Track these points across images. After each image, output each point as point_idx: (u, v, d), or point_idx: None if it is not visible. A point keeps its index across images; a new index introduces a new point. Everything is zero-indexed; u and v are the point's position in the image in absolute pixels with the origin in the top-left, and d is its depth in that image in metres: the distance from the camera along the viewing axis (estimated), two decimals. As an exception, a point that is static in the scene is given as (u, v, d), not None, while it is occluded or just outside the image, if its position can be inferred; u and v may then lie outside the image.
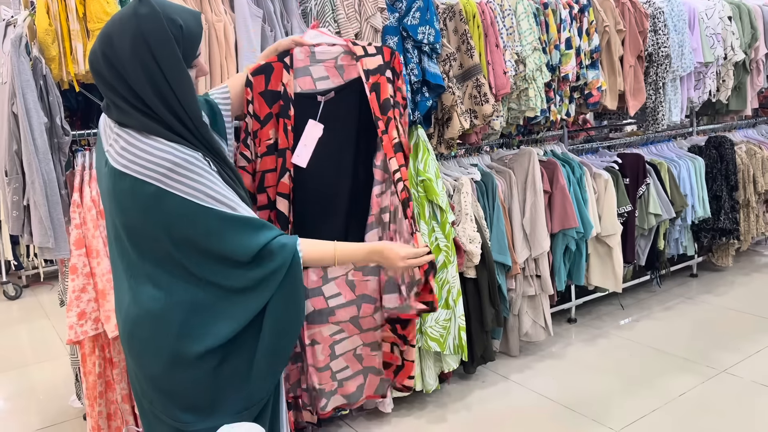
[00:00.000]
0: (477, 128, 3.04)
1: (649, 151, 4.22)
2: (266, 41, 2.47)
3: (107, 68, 1.36)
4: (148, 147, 1.35)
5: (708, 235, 4.28)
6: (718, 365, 3.13)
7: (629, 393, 2.93)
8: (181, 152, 1.36)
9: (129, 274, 1.44)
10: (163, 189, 1.34)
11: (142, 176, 1.33)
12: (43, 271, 5.34)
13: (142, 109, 1.36)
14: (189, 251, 1.39)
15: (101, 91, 1.40)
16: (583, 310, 3.97)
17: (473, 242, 2.88)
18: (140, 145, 1.35)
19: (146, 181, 1.33)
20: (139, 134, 1.36)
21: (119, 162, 1.35)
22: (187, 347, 1.41)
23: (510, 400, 2.95)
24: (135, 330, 1.44)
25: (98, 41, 1.37)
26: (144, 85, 1.35)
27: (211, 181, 1.38)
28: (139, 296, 1.41)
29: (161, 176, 1.34)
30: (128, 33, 1.34)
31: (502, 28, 3.05)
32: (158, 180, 1.34)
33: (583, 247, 3.46)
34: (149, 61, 1.34)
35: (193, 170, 1.36)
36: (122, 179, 1.35)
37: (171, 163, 1.34)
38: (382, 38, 2.72)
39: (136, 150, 1.35)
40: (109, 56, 1.35)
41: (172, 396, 1.44)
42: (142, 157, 1.34)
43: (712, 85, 4.19)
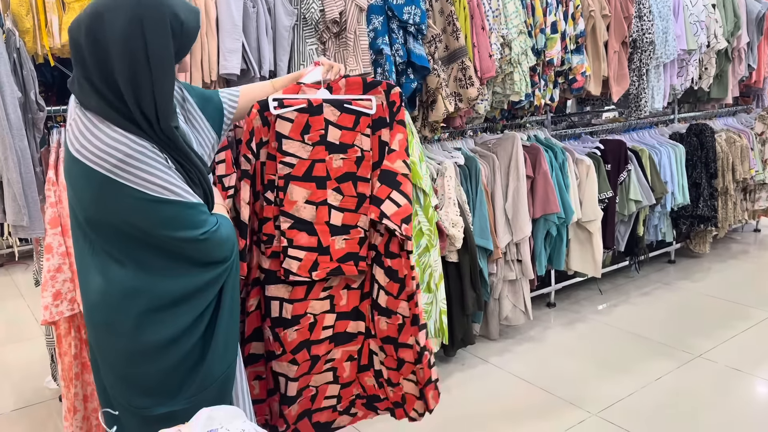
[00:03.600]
0: (462, 112, 3.02)
1: (631, 138, 4.25)
2: (248, 18, 2.42)
3: (88, 42, 1.29)
4: (103, 135, 1.30)
5: (687, 222, 4.33)
6: (694, 350, 3.18)
7: (606, 377, 2.96)
8: (135, 143, 1.31)
9: (88, 258, 1.41)
10: (114, 179, 1.30)
11: (92, 164, 1.30)
12: (17, 251, 5.24)
13: (106, 94, 1.31)
14: (145, 240, 1.38)
15: (73, 63, 1.35)
16: (562, 295, 4.00)
17: (456, 226, 2.88)
18: (96, 132, 1.31)
19: (96, 170, 1.30)
20: (97, 119, 1.32)
21: (74, 146, 1.32)
22: (145, 337, 1.40)
23: (489, 383, 2.97)
24: (94, 314, 1.42)
25: (87, 12, 1.30)
26: (123, 71, 1.29)
27: (164, 172, 1.35)
28: (96, 281, 1.40)
29: (112, 167, 1.30)
30: (124, 14, 1.27)
31: (488, 11, 3.03)
32: (109, 170, 1.30)
33: (563, 233, 3.47)
34: (139, 50, 1.28)
35: (145, 161, 1.32)
36: (75, 164, 1.33)
37: (123, 154, 1.30)
38: (367, 17, 2.67)
39: (91, 136, 1.31)
40: (95, 31, 1.28)
41: (128, 382, 1.44)
42: (95, 145, 1.30)
43: (694, 73, 4.21)
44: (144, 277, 1.39)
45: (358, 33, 2.63)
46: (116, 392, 1.47)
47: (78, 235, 1.44)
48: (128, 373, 1.44)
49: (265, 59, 2.46)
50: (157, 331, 1.41)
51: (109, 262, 1.39)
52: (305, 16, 2.54)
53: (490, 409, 2.74)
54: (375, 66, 2.69)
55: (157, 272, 1.40)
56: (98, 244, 1.39)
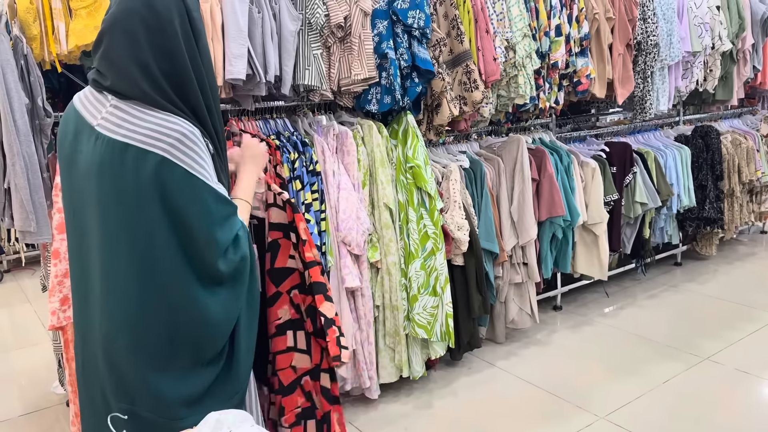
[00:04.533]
0: (466, 115, 3.02)
1: (637, 140, 4.24)
2: (253, 23, 2.42)
3: (144, 29, 1.28)
4: (153, 118, 1.28)
5: (693, 224, 4.31)
6: (701, 353, 3.17)
7: (613, 380, 2.95)
8: (188, 125, 1.31)
9: (111, 271, 1.33)
10: (169, 159, 1.27)
11: (146, 146, 1.26)
12: (24, 256, 5.27)
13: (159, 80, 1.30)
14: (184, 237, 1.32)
15: (111, 56, 1.31)
16: (568, 298, 3.99)
17: (461, 229, 2.88)
18: (144, 117, 1.28)
19: (151, 150, 1.26)
20: (142, 107, 1.29)
21: (119, 132, 1.27)
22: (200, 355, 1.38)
23: (496, 386, 2.96)
24: (120, 336, 1.34)
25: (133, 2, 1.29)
26: (182, 53, 1.31)
27: (207, 162, 1.34)
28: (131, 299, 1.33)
29: (168, 146, 1.27)
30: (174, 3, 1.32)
31: (492, 14, 3.03)
32: (164, 150, 1.27)
33: (569, 235, 3.47)
34: (189, 31, 1.34)
35: (198, 145, 1.31)
36: (122, 151, 1.27)
37: (179, 134, 1.28)
38: (371, 22, 2.68)
39: (139, 121, 1.28)
40: (161, 15, 1.29)
41: (164, 394, 1.36)
42: (146, 128, 1.27)
43: (699, 75, 4.20)
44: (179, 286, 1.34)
45: (362, 37, 2.64)
46: (144, 407, 1.36)
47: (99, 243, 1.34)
48: (165, 386, 1.36)
49: (270, 64, 2.47)
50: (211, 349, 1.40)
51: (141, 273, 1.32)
52: (310, 21, 2.55)
53: (497, 412, 2.73)
54: (380, 70, 2.70)
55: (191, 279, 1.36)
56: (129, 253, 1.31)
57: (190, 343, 1.37)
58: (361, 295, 2.68)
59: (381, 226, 2.73)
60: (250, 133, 2.44)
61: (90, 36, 2.06)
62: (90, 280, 1.37)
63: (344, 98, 2.77)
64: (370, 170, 2.74)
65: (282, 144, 2.54)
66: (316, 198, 2.57)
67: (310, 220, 2.53)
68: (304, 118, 2.80)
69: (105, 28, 1.31)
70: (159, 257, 1.31)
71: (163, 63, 1.30)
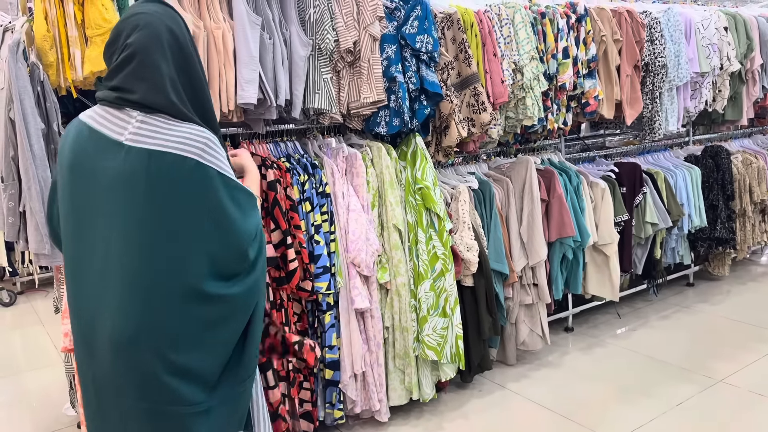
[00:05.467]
0: (475, 136, 3.04)
1: (646, 161, 4.24)
2: (265, 49, 2.47)
3: (170, 50, 1.43)
4: (182, 128, 1.41)
5: (704, 245, 4.29)
6: (715, 375, 3.13)
7: (626, 402, 2.92)
8: (209, 133, 1.45)
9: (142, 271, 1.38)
10: (203, 163, 1.40)
11: (182, 152, 1.38)
12: (37, 278, 5.31)
13: (180, 92, 1.44)
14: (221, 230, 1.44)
15: (144, 74, 1.41)
16: (580, 319, 3.96)
17: (471, 250, 2.88)
18: (173, 127, 1.41)
19: (187, 156, 1.38)
20: (168, 119, 1.41)
21: (153, 143, 1.38)
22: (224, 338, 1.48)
23: (507, 409, 2.94)
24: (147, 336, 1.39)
25: (160, 24, 1.44)
26: (196, 70, 1.49)
27: (227, 163, 1.49)
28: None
29: (200, 150, 1.40)
30: (180, 22, 1.49)
31: (499, 38, 3.07)
32: (197, 155, 1.39)
33: (580, 256, 3.46)
34: (195, 50, 1.52)
35: (219, 148, 1.46)
36: (159, 159, 1.37)
37: (206, 139, 1.42)
38: (380, 46, 2.72)
39: (170, 131, 1.40)
40: (178, 37, 1.46)
41: (187, 385, 1.41)
42: (178, 136, 1.39)
43: (708, 95, 4.21)
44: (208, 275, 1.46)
45: (371, 62, 2.68)
46: (165, 399, 1.40)
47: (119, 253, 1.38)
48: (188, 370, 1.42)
49: (281, 89, 2.51)
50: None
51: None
52: (320, 46, 2.60)
53: (508, 435, 2.71)
54: (388, 93, 2.73)
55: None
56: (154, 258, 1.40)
57: (218, 332, 1.47)
58: (371, 316, 2.69)
59: (390, 247, 2.74)
60: (260, 155, 2.48)
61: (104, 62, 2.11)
62: (96, 287, 1.40)
63: (353, 121, 2.80)
64: (379, 192, 2.76)
65: (292, 166, 2.57)
66: (325, 219, 2.59)
67: (320, 241, 2.55)
68: (314, 140, 2.83)
69: (136, 49, 1.41)
70: (199, 250, 1.42)
71: (184, 78, 1.46)
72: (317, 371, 2.64)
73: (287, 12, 2.60)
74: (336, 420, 2.67)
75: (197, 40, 2.30)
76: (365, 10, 2.65)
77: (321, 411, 2.67)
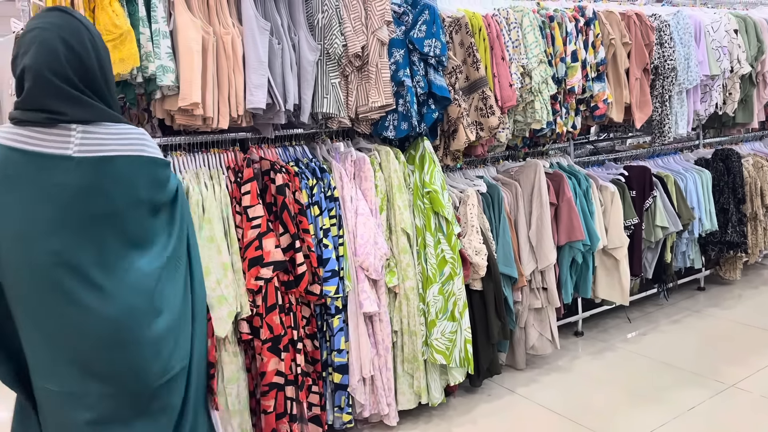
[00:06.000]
0: (483, 140, 3.04)
1: (656, 164, 4.22)
2: (273, 54, 2.49)
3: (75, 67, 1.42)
4: (120, 129, 1.48)
5: (715, 248, 4.26)
6: (727, 379, 3.10)
7: (637, 407, 2.90)
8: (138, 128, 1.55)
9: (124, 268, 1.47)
10: (152, 156, 1.53)
11: (134, 152, 1.48)
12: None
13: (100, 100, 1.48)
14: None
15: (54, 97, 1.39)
16: (590, 323, 3.94)
17: (479, 254, 2.88)
18: (114, 131, 1.47)
19: (138, 155, 1.49)
20: (99, 126, 1.45)
21: (106, 149, 1.44)
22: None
23: (516, 413, 2.93)
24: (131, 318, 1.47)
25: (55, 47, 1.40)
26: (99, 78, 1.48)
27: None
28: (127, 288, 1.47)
29: (143, 145, 1.51)
30: (83, 35, 1.46)
31: (508, 41, 3.07)
32: (143, 150, 1.51)
33: (589, 260, 3.44)
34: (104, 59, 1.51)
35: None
36: (113, 163, 1.44)
37: (141, 133, 1.52)
38: (388, 51, 2.73)
39: (114, 134, 1.46)
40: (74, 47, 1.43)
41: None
42: (123, 138, 1.47)
43: (718, 98, 4.19)
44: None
45: (379, 66, 2.69)
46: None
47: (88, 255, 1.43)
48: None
49: (289, 93, 2.52)
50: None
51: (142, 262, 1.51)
52: (328, 51, 2.61)
53: (517, 440, 2.70)
54: (396, 97, 2.74)
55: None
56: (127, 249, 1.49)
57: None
58: (379, 320, 2.69)
59: (398, 251, 2.74)
60: (269, 160, 2.49)
61: (115, 68, 2.13)
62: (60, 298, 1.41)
63: (362, 125, 2.81)
64: (388, 195, 2.76)
65: (301, 170, 2.58)
66: (334, 223, 2.60)
67: (329, 245, 2.56)
68: (323, 145, 2.84)
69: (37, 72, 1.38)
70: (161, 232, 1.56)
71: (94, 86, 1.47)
72: (325, 375, 2.64)
73: (296, 17, 2.61)
74: (345, 424, 2.67)
75: (206, 45, 2.32)
76: (373, 14, 2.66)
77: (330, 415, 2.67)
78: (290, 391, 2.43)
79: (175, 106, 2.30)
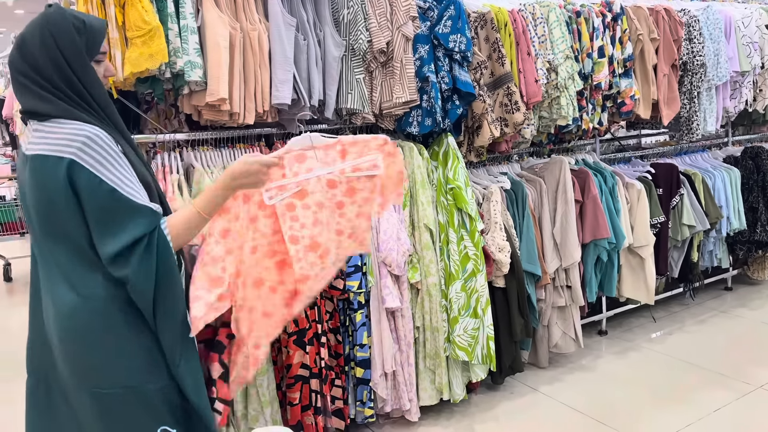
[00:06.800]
0: (507, 136, 3.02)
1: (683, 162, 4.15)
2: (299, 50, 2.50)
3: (20, 63, 1.45)
4: (63, 128, 1.43)
5: (743, 248, 4.18)
6: (754, 381, 3.05)
7: (661, 407, 2.87)
8: (94, 128, 1.44)
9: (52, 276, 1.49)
10: (78, 162, 1.40)
11: (58, 153, 1.41)
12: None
13: (57, 94, 1.45)
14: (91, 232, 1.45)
15: (19, 92, 1.48)
16: (614, 322, 3.90)
17: (502, 251, 2.86)
18: (56, 129, 1.44)
19: (62, 156, 1.40)
20: (55, 122, 1.44)
21: (36, 147, 1.43)
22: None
23: (538, 412, 2.91)
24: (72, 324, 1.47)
25: (31, 36, 1.47)
26: (52, 74, 1.45)
27: (117, 162, 1.45)
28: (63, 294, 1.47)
29: (76, 149, 1.40)
30: (37, 28, 1.46)
31: (533, 37, 3.04)
32: (73, 153, 1.40)
33: (615, 258, 3.41)
34: (54, 50, 1.45)
35: (103, 147, 1.43)
36: (40, 162, 1.42)
37: (85, 137, 1.41)
38: (413, 46, 2.73)
39: (51, 133, 1.43)
40: (23, 51, 1.46)
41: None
42: (57, 137, 1.42)
43: (748, 95, 4.11)
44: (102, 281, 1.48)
45: (404, 62, 2.68)
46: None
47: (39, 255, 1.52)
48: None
49: (314, 89, 2.53)
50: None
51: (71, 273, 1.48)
52: (353, 46, 2.61)
53: (539, 438, 2.69)
54: (421, 93, 2.74)
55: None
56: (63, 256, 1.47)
57: None
58: (401, 315, 2.69)
59: (421, 247, 2.74)
60: None
61: (144, 63, 2.16)
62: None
63: (386, 121, 2.81)
64: (411, 191, 2.76)
65: (325, 166, 2.59)
66: (357, 219, 2.60)
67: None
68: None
69: (12, 67, 1.48)
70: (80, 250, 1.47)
71: (62, 79, 1.46)
72: (348, 369, 2.66)
73: (321, 13, 2.62)
74: (366, 418, 2.68)
75: (234, 41, 2.34)
76: (398, 10, 2.66)
77: (352, 409, 2.69)
78: (315, 383, 2.46)
79: (202, 101, 2.33)
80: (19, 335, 1.86)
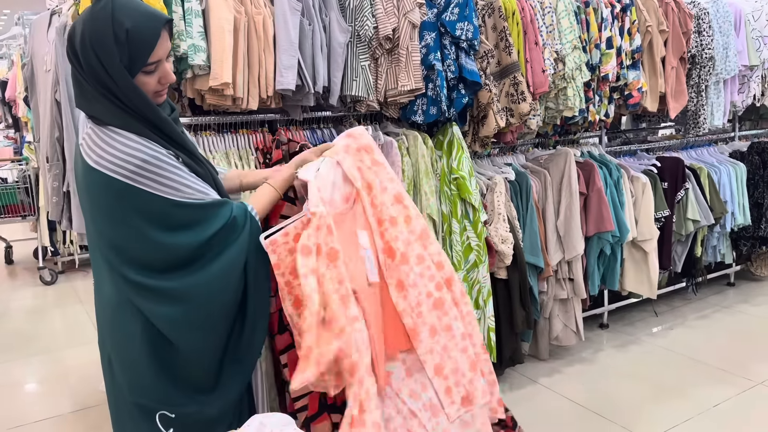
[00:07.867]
0: (513, 127, 3.00)
1: (689, 156, 4.12)
2: (304, 35, 2.47)
3: (70, 54, 1.40)
4: (118, 144, 1.37)
5: (747, 244, 4.16)
6: (755, 377, 3.04)
7: (661, 401, 2.86)
8: (149, 148, 1.39)
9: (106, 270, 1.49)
10: (133, 186, 1.38)
11: (112, 173, 1.36)
12: (78, 258, 5.45)
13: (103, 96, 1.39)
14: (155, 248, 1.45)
15: (73, 81, 1.45)
16: (615, 316, 3.89)
17: (505, 242, 2.85)
18: (110, 141, 1.38)
19: (116, 177, 1.36)
20: (109, 130, 1.39)
21: (91, 158, 1.38)
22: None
23: (538, 404, 2.91)
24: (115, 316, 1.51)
25: (74, 34, 1.39)
26: (91, 76, 1.38)
27: (179, 174, 1.43)
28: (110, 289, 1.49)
29: (131, 173, 1.37)
30: (80, 25, 1.38)
31: (541, 26, 3.01)
32: (127, 177, 1.37)
33: (618, 252, 3.39)
34: (91, 54, 1.36)
35: (161, 166, 1.40)
36: (94, 174, 1.38)
37: (140, 161, 1.37)
38: (419, 34, 2.70)
39: (106, 146, 1.37)
40: (71, 42, 1.39)
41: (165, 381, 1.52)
42: (112, 154, 1.37)
43: (756, 89, 4.07)
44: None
45: (410, 49, 2.65)
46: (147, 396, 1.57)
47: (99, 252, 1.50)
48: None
49: (319, 75, 2.51)
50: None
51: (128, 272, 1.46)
52: (359, 33, 2.58)
53: (539, 430, 2.68)
54: (426, 81, 2.71)
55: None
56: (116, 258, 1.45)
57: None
58: (403, 305, 2.68)
59: (424, 237, 2.72)
60: (297, 142, 2.48)
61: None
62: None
63: (390, 109, 2.79)
64: (414, 181, 2.74)
65: (328, 153, 2.56)
66: (360, 207, 2.58)
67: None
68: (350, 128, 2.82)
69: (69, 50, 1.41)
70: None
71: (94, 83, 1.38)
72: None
73: (327, -2, 2.59)
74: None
75: (238, 25, 2.31)
76: (405, -4, 2.62)
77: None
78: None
79: (205, 85, 2.31)
80: (20, 318, 1.84)
